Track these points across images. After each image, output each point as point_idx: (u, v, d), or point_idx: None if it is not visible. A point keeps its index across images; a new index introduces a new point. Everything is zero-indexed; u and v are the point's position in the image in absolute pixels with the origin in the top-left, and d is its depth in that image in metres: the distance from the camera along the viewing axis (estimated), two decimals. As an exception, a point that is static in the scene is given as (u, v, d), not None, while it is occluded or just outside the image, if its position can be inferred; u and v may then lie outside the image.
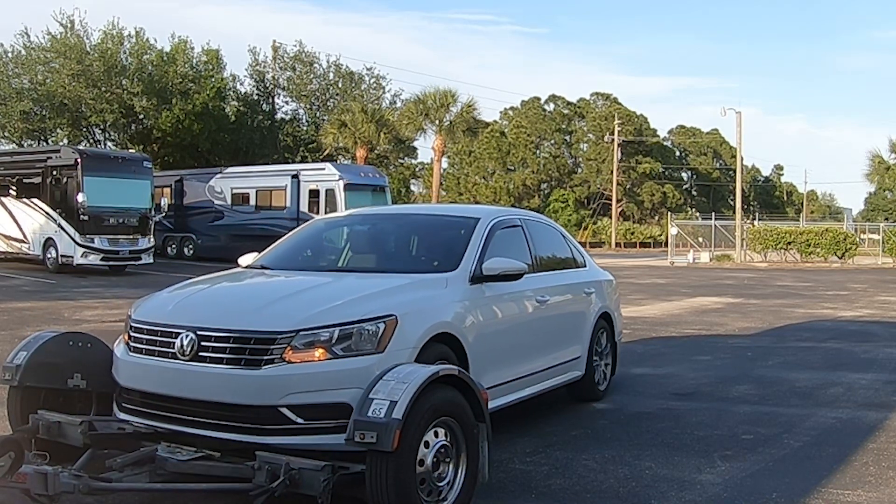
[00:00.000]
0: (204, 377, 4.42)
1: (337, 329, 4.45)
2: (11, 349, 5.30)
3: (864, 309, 16.01)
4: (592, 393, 7.26)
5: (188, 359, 4.46)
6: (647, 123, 74.53)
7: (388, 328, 4.56)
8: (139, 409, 4.72)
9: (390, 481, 3.83)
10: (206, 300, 5.14)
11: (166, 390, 4.54)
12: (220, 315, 4.67)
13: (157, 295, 5.34)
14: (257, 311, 4.66)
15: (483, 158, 69.68)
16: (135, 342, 4.83)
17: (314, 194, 26.83)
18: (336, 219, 7.17)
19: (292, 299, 4.87)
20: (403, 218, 6.90)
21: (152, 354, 4.67)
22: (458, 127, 38.49)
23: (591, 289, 7.28)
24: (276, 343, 4.36)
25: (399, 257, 6.21)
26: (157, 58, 36.57)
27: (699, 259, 37.47)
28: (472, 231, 5.87)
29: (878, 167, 41.93)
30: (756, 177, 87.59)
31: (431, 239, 6.27)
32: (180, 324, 4.59)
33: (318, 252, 6.49)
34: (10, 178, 23.11)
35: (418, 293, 5.13)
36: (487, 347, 5.41)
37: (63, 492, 3.80)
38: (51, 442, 4.63)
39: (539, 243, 6.69)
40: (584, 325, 7.04)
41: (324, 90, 42.52)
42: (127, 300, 15.57)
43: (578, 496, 4.77)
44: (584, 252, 7.75)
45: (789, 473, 5.22)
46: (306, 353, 4.38)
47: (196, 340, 4.45)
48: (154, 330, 4.71)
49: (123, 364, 4.86)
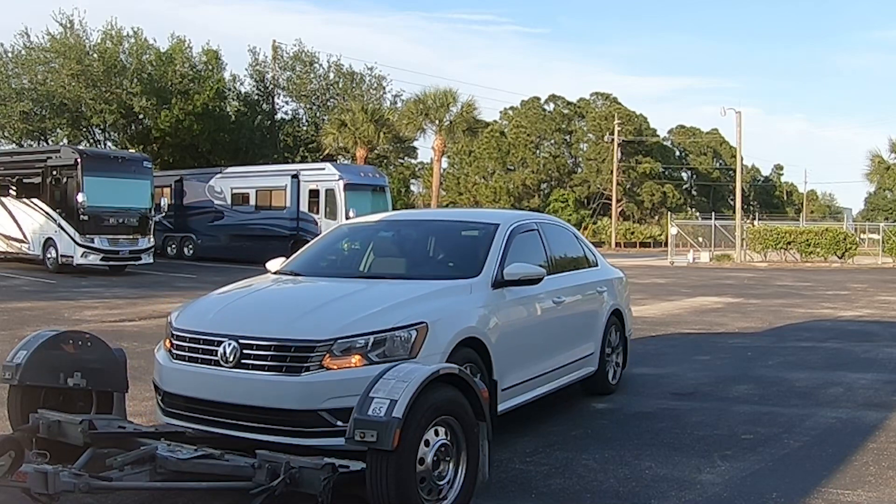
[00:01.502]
0: (247, 383, 4.66)
1: (372, 337, 4.72)
2: (11, 349, 5.30)
3: (864, 309, 16.01)
4: (605, 387, 7.51)
5: (231, 366, 4.71)
6: (647, 123, 74.53)
7: (420, 335, 4.84)
8: (184, 413, 4.93)
9: (390, 480, 3.83)
10: (246, 309, 5.37)
11: (211, 396, 4.77)
12: (261, 324, 4.91)
13: (196, 303, 5.57)
14: (296, 320, 4.89)
15: (483, 158, 69.67)
16: (177, 349, 5.04)
17: (314, 194, 26.83)
18: (361, 225, 7.38)
19: (328, 308, 5.10)
20: (426, 224, 7.06)
21: (195, 361, 4.90)
22: (458, 127, 38.49)
23: (604, 287, 7.56)
24: (315, 351, 4.63)
25: (425, 263, 6.40)
26: (155, 57, 36.56)
27: (699, 259, 37.47)
28: (493, 237, 6.12)
29: (878, 167, 41.95)
30: (756, 177, 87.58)
31: (454, 245, 6.54)
32: (223, 332, 4.85)
33: (345, 258, 6.73)
34: (10, 178, 23.11)
35: (446, 300, 5.40)
36: (509, 348, 5.64)
37: (63, 491, 3.80)
38: (51, 441, 4.63)
39: (554, 245, 6.97)
40: (596, 322, 7.31)
41: (324, 90, 42.51)
42: (127, 300, 15.59)
43: (578, 496, 4.77)
44: (595, 251, 8.04)
45: (789, 473, 5.22)
46: (344, 359, 4.64)
47: (238, 348, 4.71)
48: (196, 338, 4.94)
49: (167, 371, 5.08)
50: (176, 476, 4.32)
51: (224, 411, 4.71)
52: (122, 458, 4.28)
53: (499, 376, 5.44)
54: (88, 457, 4.40)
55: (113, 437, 4.73)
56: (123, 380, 5.53)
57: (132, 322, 12.51)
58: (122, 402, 5.54)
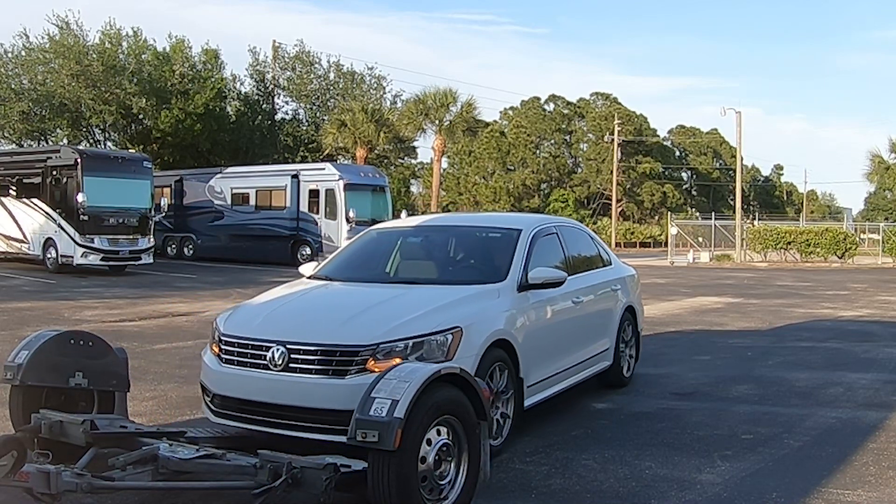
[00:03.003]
0: (295, 385, 4.96)
1: (411, 341, 5.03)
2: (12, 349, 5.31)
3: (864, 309, 16.02)
4: (619, 380, 7.90)
5: (280, 369, 5.01)
6: (647, 123, 74.51)
7: (455, 338, 5.17)
8: (235, 414, 5.26)
9: (392, 480, 3.84)
10: (291, 315, 5.66)
11: (261, 397, 5.07)
12: (307, 330, 5.20)
13: (241, 309, 5.89)
14: (341, 326, 5.20)
15: (483, 158, 69.64)
16: (227, 354, 5.35)
17: (314, 194, 26.83)
18: (389, 230, 7.68)
19: (369, 314, 5.40)
20: (452, 230, 7.32)
21: (245, 365, 5.21)
22: (458, 127, 38.50)
23: (618, 285, 7.94)
24: (359, 355, 4.94)
25: (453, 268, 6.75)
26: (153, 57, 36.53)
27: (699, 259, 37.47)
28: (517, 242, 6.45)
29: (878, 167, 41.91)
30: (756, 177, 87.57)
31: (480, 250, 6.88)
32: (271, 338, 5.14)
33: (375, 263, 6.97)
34: (10, 178, 23.10)
35: (477, 304, 5.70)
36: (534, 348, 5.98)
37: (66, 490, 3.81)
38: (53, 441, 4.64)
39: (572, 247, 7.33)
40: (612, 319, 7.70)
41: (324, 90, 42.50)
42: (127, 300, 15.60)
43: (578, 496, 4.78)
44: (609, 250, 8.42)
45: (789, 473, 5.23)
46: (386, 362, 4.85)
47: (286, 353, 5.01)
48: (245, 343, 5.24)
49: (217, 374, 5.37)
50: (178, 476, 4.33)
51: (273, 412, 5.01)
52: (123, 458, 4.29)
53: (525, 374, 5.83)
54: (90, 457, 4.41)
55: (115, 437, 4.74)
56: (125, 379, 5.54)
57: (132, 322, 12.51)
58: (124, 401, 5.55)
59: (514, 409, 5.76)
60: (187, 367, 8.85)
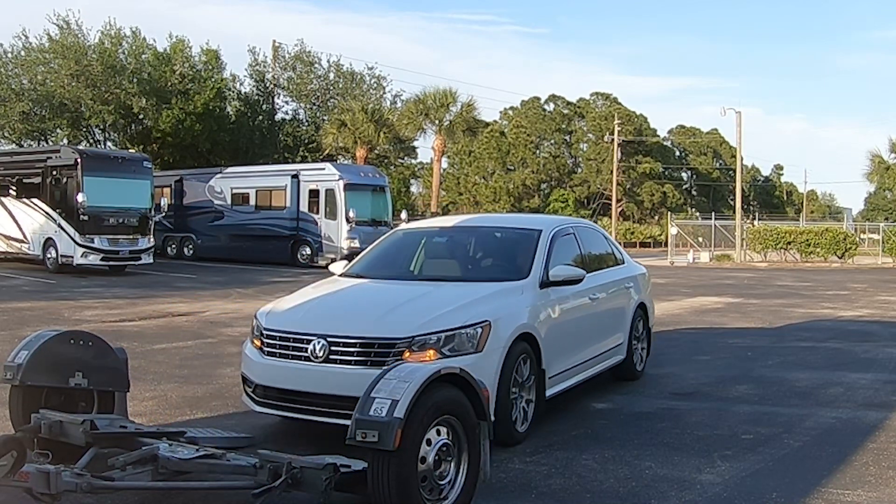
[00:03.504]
0: (336, 376, 5.31)
1: (444, 334, 5.41)
2: (12, 349, 5.31)
3: (864, 309, 16.01)
4: (632, 373, 8.26)
5: (321, 361, 5.39)
6: (647, 123, 74.48)
7: (485, 332, 5.53)
8: (277, 403, 5.63)
9: (392, 480, 3.84)
10: (331, 311, 6.07)
11: (302, 387, 5.44)
12: (347, 324, 5.59)
13: (281, 305, 6.21)
14: (378, 321, 5.57)
15: (483, 158, 69.62)
16: (269, 347, 5.71)
17: (314, 194, 26.82)
18: (416, 231, 8.00)
19: (404, 309, 5.77)
20: (476, 230, 7.70)
21: (286, 357, 5.57)
22: (458, 127, 38.50)
23: (630, 283, 8.34)
24: (396, 347, 5.31)
25: (478, 267, 7.12)
26: (153, 57, 36.52)
27: (699, 259, 37.46)
28: (538, 241, 6.81)
29: (878, 167, 41.90)
30: (756, 177, 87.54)
31: (504, 249, 7.21)
32: (312, 332, 5.52)
33: (404, 261, 7.32)
34: (10, 178, 23.10)
35: (503, 300, 6.05)
36: (554, 341, 6.34)
37: (65, 490, 3.81)
38: (53, 441, 4.64)
39: (588, 247, 7.73)
40: (625, 315, 8.07)
41: (324, 90, 42.48)
42: (127, 300, 15.60)
43: (578, 496, 4.78)
44: (621, 249, 8.87)
45: (789, 473, 5.23)
46: (421, 354, 5.30)
47: (327, 346, 5.40)
48: (287, 337, 5.61)
49: (259, 365, 5.73)
50: (178, 476, 4.33)
51: (314, 401, 5.35)
52: (123, 458, 4.29)
53: (546, 365, 6.20)
54: (90, 457, 4.40)
55: (114, 437, 4.73)
56: (125, 379, 5.54)
57: (132, 322, 12.51)
58: (124, 401, 5.55)
59: (536, 397, 6.09)
60: (187, 367, 8.85)
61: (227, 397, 7.39)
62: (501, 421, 5.55)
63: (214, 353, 9.80)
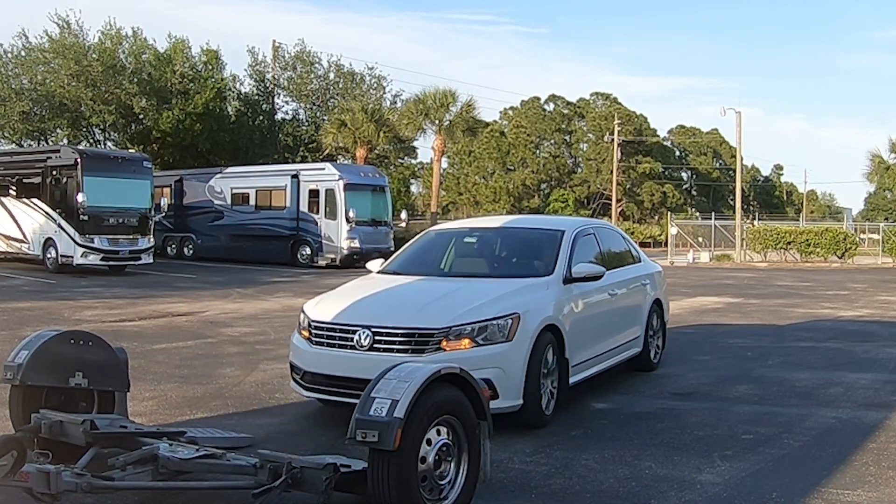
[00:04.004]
0: (379, 362, 5.43)
1: (477, 325, 5.95)
2: (12, 349, 5.31)
3: (864, 309, 16.01)
4: (648, 365, 8.79)
5: (366, 349, 5.94)
6: (647, 123, 74.45)
7: (514, 323, 6.05)
8: (324, 388, 6.17)
9: (392, 480, 3.85)
10: (374, 304, 6.52)
11: (348, 373, 5.93)
12: (390, 316, 6.13)
13: (326, 300, 6.76)
14: (418, 313, 6.12)
15: (483, 158, 69.61)
16: (316, 337, 6.27)
17: (314, 194, 26.82)
18: (447, 231, 8.61)
19: (441, 302, 6.30)
20: (503, 231, 8.24)
21: (333, 346, 6.13)
22: (458, 127, 38.43)
23: (647, 280, 8.87)
24: (434, 336, 5.88)
25: (507, 264, 7.67)
26: (153, 57, 36.51)
27: (699, 259, 37.45)
28: (561, 241, 7.32)
29: (878, 167, 41.86)
30: (756, 177, 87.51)
31: (530, 248, 7.72)
32: (357, 323, 6.07)
33: (437, 259, 7.85)
34: (10, 178, 23.10)
35: (531, 295, 6.57)
36: (577, 332, 6.85)
37: (65, 490, 3.81)
38: (53, 441, 4.64)
39: (607, 246, 8.25)
40: (641, 310, 8.62)
41: (324, 90, 42.44)
42: (127, 300, 15.60)
43: (578, 496, 4.78)
44: (638, 249, 9.43)
45: (789, 473, 5.23)
46: (457, 342, 5.89)
47: (372, 335, 5.94)
48: (334, 328, 6.17)
49: (308, 354, 6.30)
50: (178, 476, 4.33)
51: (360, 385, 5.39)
52: (123, 458, 4.29)
53: (570, 355, 6.71)
54: (90, 456, 4.40)
55: (115, 437, 4.74)
56: (125, 379, 5.54)
57: (132, 322, 12.51)
58: (124, 401, 5.55)
59: (559, 385, 6.60)
60: (187, 367, 8.85)
61: (227, 397, 7.39)
62: (530, 404, 6.09)
63: (214, 353, 9.81)
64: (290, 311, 14.34)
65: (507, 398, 5.94)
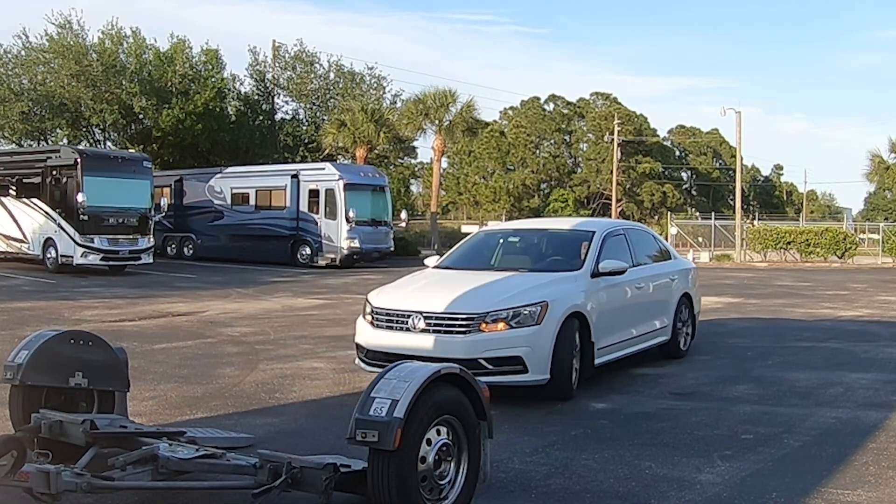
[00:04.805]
0: (431, 341, 6.97)
1: (511, 311, 7.00)
2: (12, 349, 5.31)
3: (863, 309, 16.01)
4: (676, 352, 9.62)
5: (418, 331, 7.09)
6: (647, 123, 74.43)
7: (543, 310, 7.05)
8: (384, 363, 6.42)
9: (392, 479, 3.85)
10: (426, 293, 7.64)
11: (404, 351, 6.90)
12: (438, 303, 7.19)
13: (386, 290, 7.93)
14: (461, 300, 7.17)
15: (483, 158, 69.60)
16: (377, 321, 7.44)
17: (314, 194, 26.81)
18: (494, 231, 10.03)
19: (481, 291, 7.39)
20: (542, 232, 9.49)
21: (391, 329, 7.29)
22: (458, 127, 38.41)
23: (675, 276, 9.73)
24: (475, 320, 6.94)
25: (544, 260, 8.73)
26: (155, 57, 36.50)
27: (699, 259, 37.41)
28: (591, 241, 8.37)
29: (878, 167, 41.86)
30: (756, 176, 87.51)
31: (564, 247, 8.76)
32: (412, 309, 7.22)
33: (483, 256, 8.97)
34: (10, 178, 23.09)
35: (560, 286, 7.63)
36: (603, 319, 7.80)
37: (65, 490, 3.81)
38: (53, 441, 4.63)
39: (636, 245, 9.17)
40: (669, 302, 9.45)
41: (324, 90, 42.41)
42: (127, 300, 15.60)
43: (578, 496, 4.78)
44: (670, 248, 10.63)
45: (789, 473, 5.23)
46: (493, 325, 6.96)
47: (423, 319, 7.08)
48: (392, 313, 7.32)
49: (371, 334, 7.47)
50: (177, 476, 4.33)
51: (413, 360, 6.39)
52: (123, 458, 4.29)
53: (595, 339, 7.63)
54: (90, 456, 4.40)
55: (115, 437, 4.73)
56: (125, 379, 5.54)
57: (132, 322, 12.51)
58: (124, 401, 5.55)
59: (585, 364, 7.53)
60: (187, 366, 8.85)
61: (227, 397, 7.39)
62: (558, 379, 7.08)
63: (214, 353, 9.81)
64: (289, 311, 14.34)
65: (536, 373, 6.96)
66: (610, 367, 8.62)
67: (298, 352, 9.95)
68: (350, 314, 13.99)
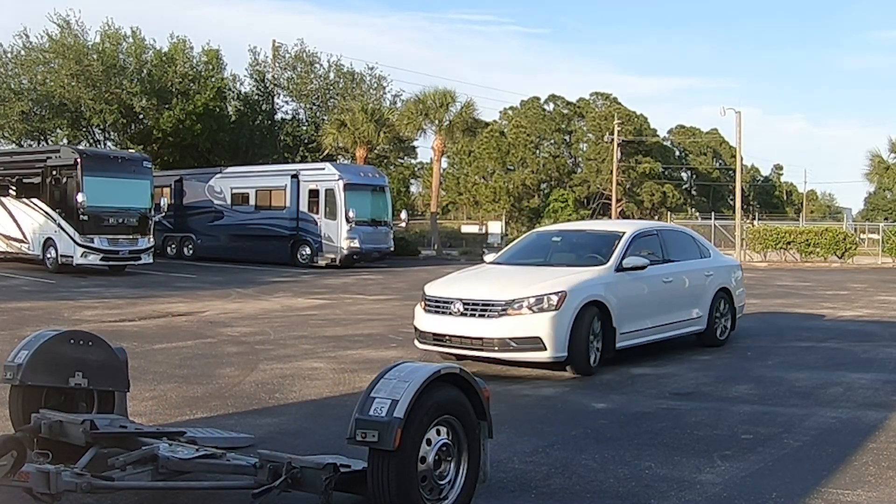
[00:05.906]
0: (467, 324, 8.36)
1: (533, 298, 8.21)
2: (12, 349, 5.30)
3: (863, 309, 16.01)
4: (713, 341, 10.48)
5: (458, 315, 8.44)
6: (647, 123, 74.38)
7: (561, 298, 8.21)
8: (432, 342, 8.74)
9: (392, 480, 3.85)
10: (468, 283, 9.01)
11: (448, 332, 8.51)
12: (474, 292, 8.56)
13: (438, 281, 9.23)
14: (494, 289, 8.53)
15: (483, 158, 69.53)
16: (428, 307, 8.78)
17: (314, 194, 26.80)
18: (542, 232, 11.58)
19: (513, 282, 8.67)
20: (581, 232, 10.80)
21: (438, 313, 8.64)
22: (458, 127, 38.40)
23: (711, 272, 10.60)
24: (503, 306, 8.22)
25: (578, 256, 9.83)
26: (155, 57, 36.50)
27: (699, 259, 37.40)
28: (620, 240, 9.45)
29: (878, 167, 41.86)
30: (756, 176, 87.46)
31: (597, 245, 9.71)
32: (454, 297, 8.58)
33: (530, 253, 10.21)
34: (10, 178, 23.09)
35: (581, 277, 8.74)
36: (625, 308, 8.83)
37: (65, 490, 3.81)
38: (53, 441, 4.63)
39: (669, 245, 10.23)
40: (704, 295, 10.29)
41: (324, 90, 42.40)
42: (127, 300, 15.59)
43: (578, 496, 4.78)
44: (710, 247, 11.55)
45: (789, 473, 5.23)
46: (517, 311, 8.19)
47: (462, 305, 8.44)
48: (439, 300, 8.70)
49: (423, 318, 8.81)
50: (177, 476, 4.33)
51: (455, 339, 8.47)
52: (123, 458, 4.28)
53: (617, 325, 8.71)
54: (90, 456, 4.40)
55: (114, 437, 4.73)
56: (125, 379, 5.54)
57: (132, 322, 12.51)
58: (124, 401, 5.55)
59: (605, 347, 8.58)
60: (187, 366, 8.85)
61: (227, 397, 7.39)
62: (577, 357, 8.21)
63: (214, 353, 9.81)
64: (289, 311, 14.34)
65: (555, 351, 8.09)
66: (610, 367, 8.75)
67: (298, 352, 9.96)
68: (350, 314, 13.98)
